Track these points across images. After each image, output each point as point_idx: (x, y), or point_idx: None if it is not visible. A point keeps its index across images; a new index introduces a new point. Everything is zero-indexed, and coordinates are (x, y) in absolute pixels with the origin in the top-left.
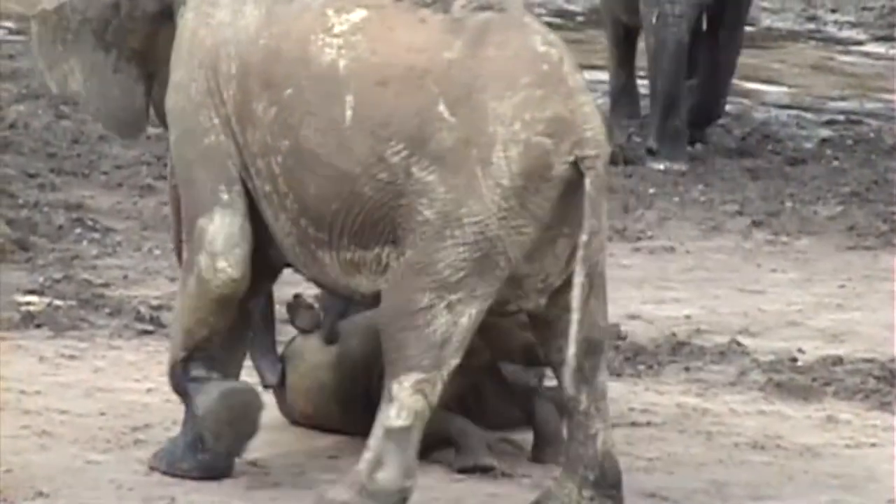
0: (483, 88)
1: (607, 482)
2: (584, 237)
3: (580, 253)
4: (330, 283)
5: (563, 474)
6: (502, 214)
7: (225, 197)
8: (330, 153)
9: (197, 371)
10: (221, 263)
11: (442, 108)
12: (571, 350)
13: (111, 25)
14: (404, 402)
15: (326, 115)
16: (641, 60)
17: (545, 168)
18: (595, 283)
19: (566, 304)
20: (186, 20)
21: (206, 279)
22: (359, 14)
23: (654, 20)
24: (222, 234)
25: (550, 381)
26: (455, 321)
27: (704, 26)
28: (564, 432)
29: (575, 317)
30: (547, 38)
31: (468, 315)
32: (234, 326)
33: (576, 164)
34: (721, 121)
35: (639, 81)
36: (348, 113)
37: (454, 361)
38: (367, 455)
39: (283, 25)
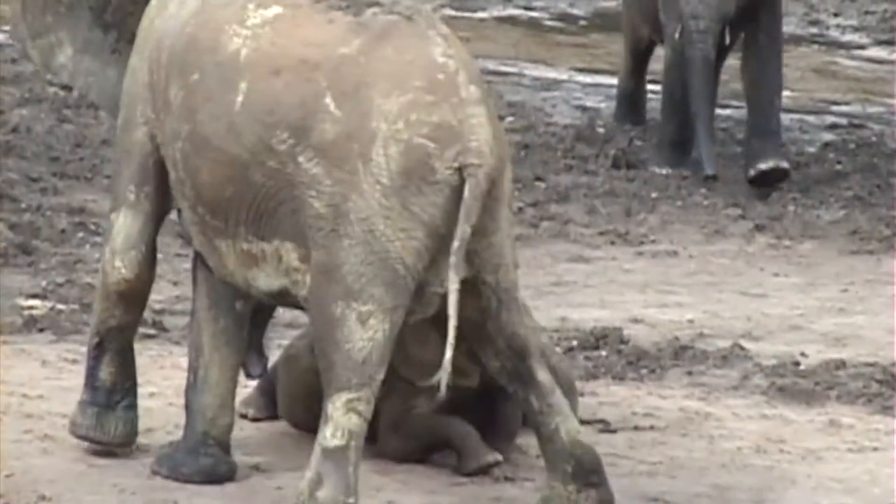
0: (371, 85)
1: (585, 469)
2: (455, 243)
3: (451, 259)
4: (227, 274)
5: (548, 476)
6: (385, 213)
7: (132, 197)
8: (220, 138)
9: (104, 374)
10: (117, 262)
11: (328, 100)
12: (448, 354)
13: (111, 5)
14: (338, 422)
15: (221, 100)
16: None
17: (427, 170)
18: (503, 298)
19: (485, 310)
20: (150, 8)
21: (106, 273)
22: (274, 10)
23: (677, 36)
24: (122, 233)
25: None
26: (371, 337)
27: (727, 40)
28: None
29: (451, 323)
30: (448, 51)
31: (382, 331)
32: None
33: (461, 172)
34: (723, 125)
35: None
36: (239, 99)
37: (379, 376)
38: (308, 475)
39: (207, 15)
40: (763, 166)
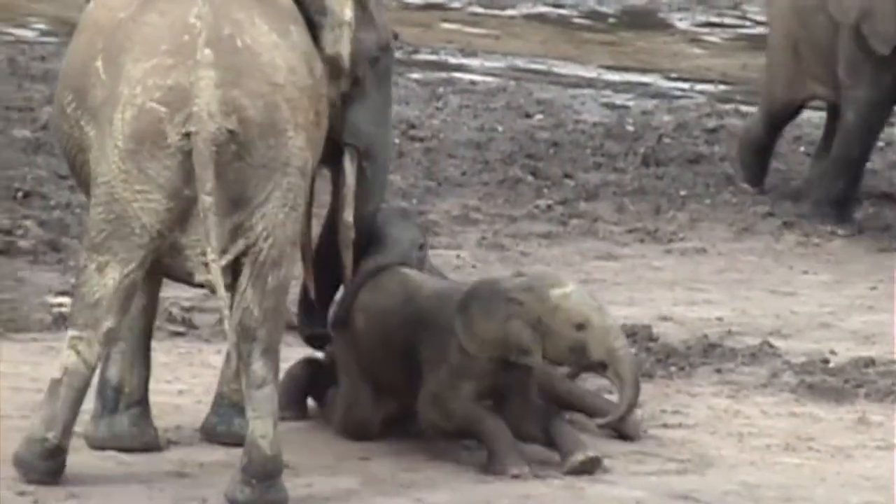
0: (129, 50)
1: (250, 471)
2: (202, 214)
3: (205, 230)
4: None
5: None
6: (123, 177)
7: None
8: (55, 97)
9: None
10: None
11: (99, 64)
12: (232, 338)
13: None
14: (61, 358)
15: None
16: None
17: (158, 135)
18: (261, 272)
19: (242, 281)
20: None
21: None
22: None
23: (860, 97)
24: None
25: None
26: (104, 283)
27: None
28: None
29: (219, 292)
30: (201, 11)
31: (113, 278)
32: None
33: (189, 137)
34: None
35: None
36: (65, 61)
37: (107, 323)
38: None
39: None
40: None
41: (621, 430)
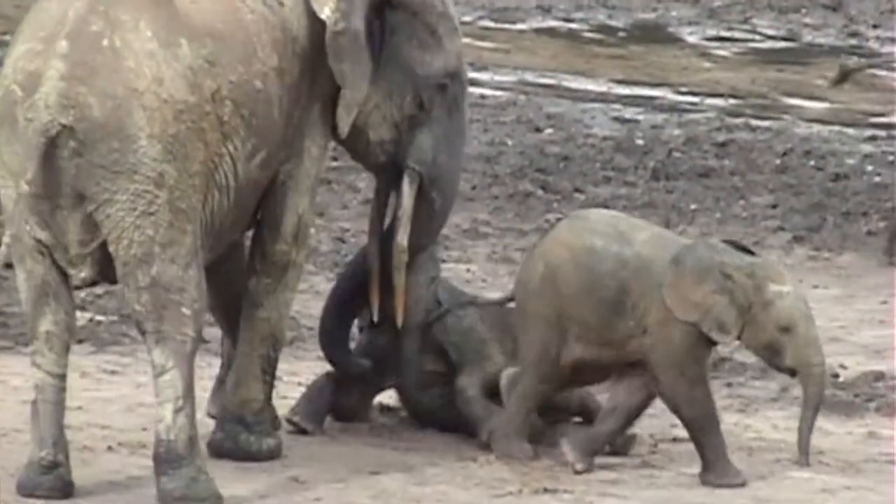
0: (20, 32)
1: (155, 458)
2: None
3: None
4: None
5: None
6: None
7: None
8: None
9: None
10: None
11: (8, 49)
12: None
13: None
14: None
15: None
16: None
17: (12, 119)
18: (124, 272)
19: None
20: None
21: None
22: None
23: None
24: None
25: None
26: (21, 284)
27: None
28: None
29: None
30: (78, 5)
31: (22, 277)
32: None
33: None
34: (762, 136)
35: None
36: None
37: (41, 327)
38: None
39: None
40: None
41: (616, 446)
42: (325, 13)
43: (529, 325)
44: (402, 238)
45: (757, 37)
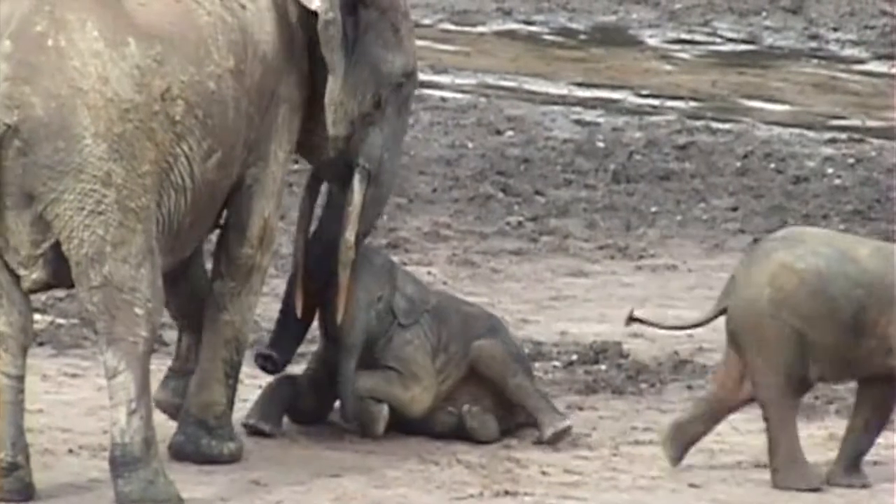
0: None
1: (110, 461)
2: None
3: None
4: None
5: None
6: None
7: None
8: None
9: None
10: None
11: None
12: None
13: None
14: None
15: None
16: None
17: None
18: (77, 270)
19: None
20: None
21: None
22: None
23: None
24: None
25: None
26: None
27: None
28: None
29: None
30: (21, 5)
31: None
32: None
33: None
34: (722, 139)
35: None
36: None
37: None
38: None
39: None
40: None
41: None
42: (316, 3)
43: (768, 348)
44: (350, 235)
45: (717, 39)
